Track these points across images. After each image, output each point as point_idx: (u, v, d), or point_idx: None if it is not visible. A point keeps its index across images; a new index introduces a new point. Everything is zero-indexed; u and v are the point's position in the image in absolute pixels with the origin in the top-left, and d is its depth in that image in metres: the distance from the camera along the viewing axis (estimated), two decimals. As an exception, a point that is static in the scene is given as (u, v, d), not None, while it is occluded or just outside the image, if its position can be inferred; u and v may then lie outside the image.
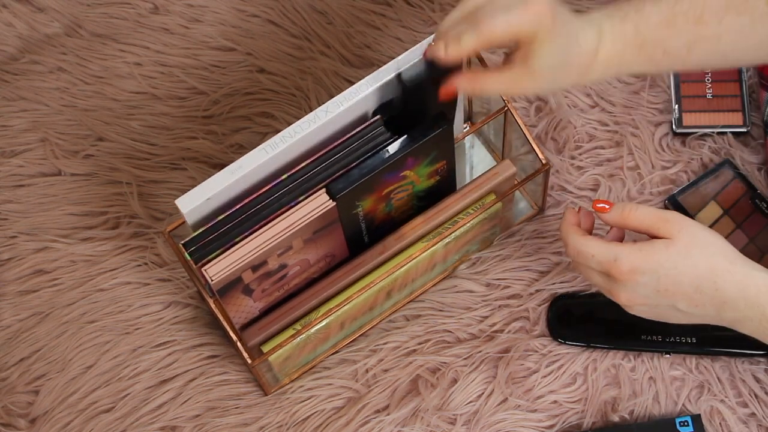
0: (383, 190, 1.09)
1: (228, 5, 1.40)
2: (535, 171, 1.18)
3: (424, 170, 1.11)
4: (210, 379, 1.23)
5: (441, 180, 1.15)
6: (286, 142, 1.04)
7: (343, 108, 1.04)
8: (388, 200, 1.11)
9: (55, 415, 1.22)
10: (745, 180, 1.25)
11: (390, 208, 1.13)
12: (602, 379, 1.20)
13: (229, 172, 1.03)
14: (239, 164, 1.03)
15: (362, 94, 1.04)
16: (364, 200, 1.08)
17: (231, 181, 1.03)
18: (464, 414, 1.19)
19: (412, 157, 1.07)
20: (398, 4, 1.38)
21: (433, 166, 1.11)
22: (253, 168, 1.03)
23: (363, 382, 1.21)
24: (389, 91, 1.06)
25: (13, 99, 1.37)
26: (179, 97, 1.36)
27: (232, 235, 1.04)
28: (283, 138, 1.04)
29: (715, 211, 1.25)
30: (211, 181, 1.03)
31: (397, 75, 1.05)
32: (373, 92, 1.05)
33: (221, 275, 1.03)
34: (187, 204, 1.02)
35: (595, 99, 1.32)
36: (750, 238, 1.23)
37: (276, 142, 1.04)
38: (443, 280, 1.25)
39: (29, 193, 1.32)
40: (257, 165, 1.03)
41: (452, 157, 1.13)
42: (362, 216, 1.10)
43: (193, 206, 1.03)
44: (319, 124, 1.04)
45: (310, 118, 1.04)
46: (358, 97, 1.04)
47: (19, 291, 1.28)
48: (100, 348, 1.24)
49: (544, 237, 1.26)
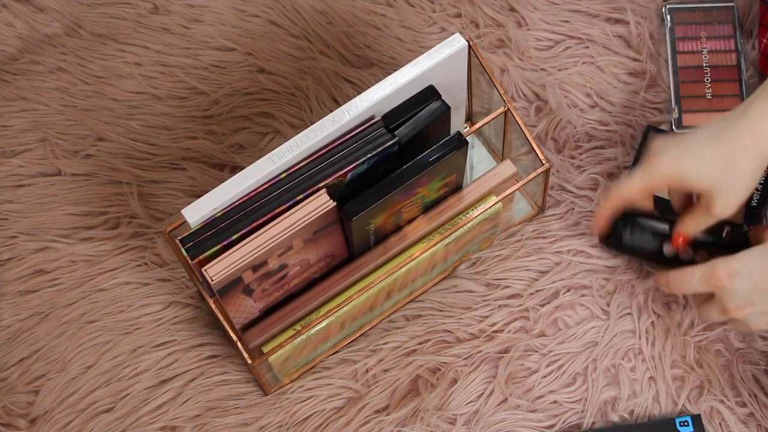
0: (396, 207, 1.09)
1: (228, 5, 1.40)
2: (535, 171, 1.18)
3: (435, 185, 1.11)
4: (210, 379, 1.23)
5: (449, 190, 1.15)
6: (293, 151, 1.04)
7: (350, 117, 1.04)
8: (398, 214, 1.12)
9: (55, 415, 1.22)
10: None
11: (399, 220, 1.13)
12: (602, 379, 1.20)
13: (235, 182, 1.03)
14: (246, 174, 1.03)
15: (369, 104, 1.04)
16: (376, 218, 1.08)
17: (237, 191, 1.03)
18: (464, 414, 1.19)
19: (427, 176, 1.08)
20: (399, 4, 1.38)
21: (444, 180, 1.12)
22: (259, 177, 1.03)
23: (363, 382, 1.21)
24: (396, 99, 1.06)
25: (13, 99, 1.37)
26: (179, 97, 1.36)
27: (230, 231, 1.04)
28: (290, 148, 1.04)
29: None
30: (218, 192, 1.03)
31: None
32: (380, 100, 1.05)
33: (221, 275, 1.03)
34: (193, 214, 1.02)
35: (595, 99, 1.32)
36: None
37: (283, 152, 1.04)
38: (443, 280, 1.25)
39: (29, 193, 1.32)
40: (263, 174, 1.03)
41: (463, 170, 1.13)
42: (373, 230, 1.11)
43: (200, 216, 1.03)
44: (326, 133, 1.04)
45: (317, 127, 1.04)
46: (365, 107, 1.04)
47: (19, 291, 1.28)
48: (100, 348, 1.24)
49: (544, 237, 1.26)
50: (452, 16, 1.37)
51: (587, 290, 1.23)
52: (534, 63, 1.34)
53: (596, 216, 1.13)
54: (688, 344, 1.20)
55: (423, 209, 1.15)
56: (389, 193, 1.06)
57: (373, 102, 1.04)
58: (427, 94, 1.07)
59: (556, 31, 1.35)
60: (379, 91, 1.05)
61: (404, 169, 1.07)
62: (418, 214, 1.15)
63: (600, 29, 1.35)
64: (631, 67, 1.33)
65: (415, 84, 1.06)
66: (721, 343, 1.20)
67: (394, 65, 1.35)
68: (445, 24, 1.37)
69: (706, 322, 1.20)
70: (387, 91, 1.05)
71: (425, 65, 1.06)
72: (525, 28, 1.36)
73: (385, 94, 1.05)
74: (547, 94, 1.32)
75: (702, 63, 1.33)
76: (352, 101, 1.05)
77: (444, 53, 1.06)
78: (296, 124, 1.33)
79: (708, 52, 1.33)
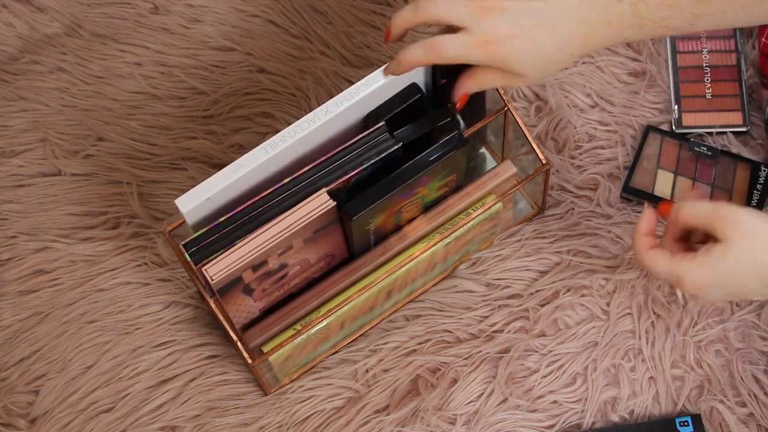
0: (395, 207, 1.09)
1: (228, 5, 1.40)
2: (535, 171, 1.18)
3: (435, 184, 1.11)
4: (210, 379, 1.23)
5: (449, 190, 1.15)
6: (286, 141, 1.04)
7: (343, 108, 1.04)
8: (398, 214, 1.12)
9: (55, 415, 1.22)
10: (673, 134, 1.28)
11: (399, 220, 1.13)
12: (602, 379, 1.20)
13: (228, 171, 1.03)
14: (239, 164, 1.03)
15: (362, 94, 1.05)
16: (376, 218, 1.08)
17: (231, 180, 1.03)
18: (464, 414, 1.19)
19: (427, 176, 1.08)
20: (398, 4, 1.38)
21: (444, 179, 1.12)
22: (253, 167, 1.03)
23: (363, 382, 1.21)
24: (389, 91, 1.07)
25: (13, 99, 1.37)
26: (179, 97, 1.36)
27: (233, 237, 1.04)
28: (282, 138, 1.04)
29: (667, 177, 1.26)
30: (211, 181, 1.03)
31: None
32: (373, 92, 1.05)
33: (221, 275, 1.03)
34: (186, 204, 1.03)
35: (594, 99, 1.32)
36: (711, 184, 1.26)
37: (276, 142, 1.04)
38: (443, 280, 1.25)
39: (29, 193, 1.32)
40: (257, 164, 1.03)
41: (463, 170, 1.13)
42: (372, 230, 1.11)
43: (193, 206, 1.03)
44: (319, 124, 1.04)
45: (309, 118, 1.04)
46: (358, 97, 1.05)
47: (19, 291, 1.28)
48: (100, 348, 1.24)
49: (544, 237, 1.26)
50: (452, 16, 1.37)
51: (587, 290, 1.23)
52: (534, 63, 1.34)
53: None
54: (688, 344, 1.20)
55: (423, 209, 1.15)
56: (389, 193, 1.06)
57: (366, 93, 1.05)
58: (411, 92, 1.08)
59: (556, 31, 1.35)
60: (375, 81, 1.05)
61: (404, 168, 1.07)
62: (418, 213, 1.15)
63: (600, 29, 1.35)
64: (631, 67, 1.33)
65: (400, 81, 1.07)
66: (720, 343, 1.20)
67: (394, 65, 1.35)
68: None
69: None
70: (381, 81, 1.05)
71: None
72: (525, 28, 1.35)
73: (380, 84, 1.05)
74: (547, 94, 1.32)
75: (702, 63, 1.33)
76: (344, 92, 1.05)
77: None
78: (296, 124, 1.33)
79: (708, 52, 1.33)
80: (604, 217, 1.26)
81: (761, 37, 1.29)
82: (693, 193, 1.05)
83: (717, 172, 1.26)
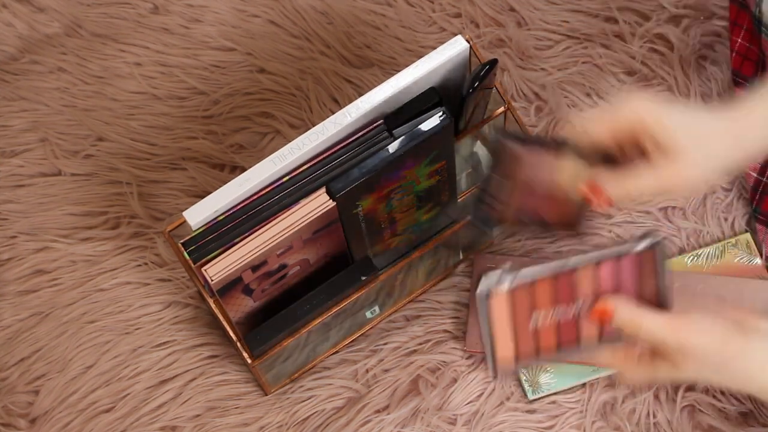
0: (383, 190, 1.09)
1: (228, 5, 1.40)
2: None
3: (424, 170, 1.11)
4: (210, 379, 1.23)
5: (441, 180, 1.15)
6: (294, 154, 1.04)
7: (352, 119, 1.04)
8: (389, 200, 1.11)
9: (55, 415, 1.22)
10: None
11: (390, 208, 1.13)
12: (602, 379, 1.20)
13: (236, 184, 1.03)
14: (247, 176, 1.03)
15: (371, 105, 1.04)
16: (364, 200, 1.08)
17: (239, 193, 1.03)
18: (464, 414, 1.19)
19: (412, 156, 1.07)
20: (398, 4, 1.38)
21: (432, 166, 1.11)
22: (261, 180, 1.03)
23: (363, 382, 1.22)
24: (398, 101, 1.06)
25: (13, 99, 1.37)
26: (179, 97, 1.36)
27: (232, 235, 1.04)
28: (291, 150, 1.04)
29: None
30: (219, 194, 1.03)
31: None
32: (381, 102, 1.05)
33: (221, 275, 1.03)
34: (195, 216, 1.03)
35: (594, 99, 1.32)
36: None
37: (284, 154, 1.04)
38: (443, 280, 1.25)
39: (29, 193, 1.32)
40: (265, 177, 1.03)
41: (452, 157, 1.13)
42: (362, 216, 1.10)
43: (202, 218, 1.03)
44: (328, 135, 1.04)
45: (318, 129, 1.04)
46: (367, 109, 1.04)
47: (19, 291, 1.28)
48: (100, 348, 1.25)
49: (544, 237, 1.26)
50: (452, 15, 1.37)
51: (587, 290, 1.23)
52: (534, 63, 1.34)
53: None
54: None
55: (416, 201, 1.14)
56: (373, 171, 1.05)
57: (374, 104, 1.04)
58: (429, 96, 1.07)
59: (555, 31, 1.35)
60: (381, 93, 1.05)
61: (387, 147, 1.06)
62: (410, 203, 1.15)
63: (600, 29, 1.35)
64: (630, 67, 1.33)
65: (416, 86, 1.06)
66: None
67: (393, 65, 1.35)
68: (444, 24, 1.37)
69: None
70: (388, 93, 1.05)
71: (426, 67, 1.06)
72: (525, 27, 1.36)
73: (387, 96, 1.05)
74: (547, 94, 1.32)
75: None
76: (353, 103, 1.05)
77: (445, 55, 1.06)
78: (296, 124, 1.33)
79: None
80: (605, 216, 1.26)
81: (733, 36, 1.29)
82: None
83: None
